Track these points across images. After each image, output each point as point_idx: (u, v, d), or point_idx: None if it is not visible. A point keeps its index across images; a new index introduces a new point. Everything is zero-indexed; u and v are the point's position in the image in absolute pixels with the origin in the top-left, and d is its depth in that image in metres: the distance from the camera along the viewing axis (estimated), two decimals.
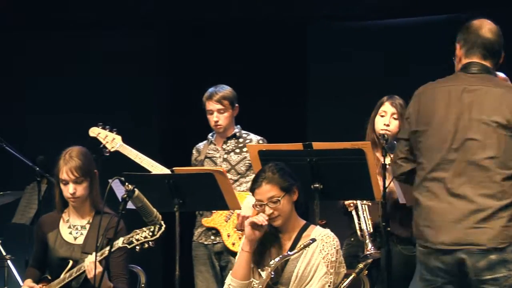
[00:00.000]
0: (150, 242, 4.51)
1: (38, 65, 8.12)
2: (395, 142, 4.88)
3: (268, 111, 7.60)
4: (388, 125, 5.50)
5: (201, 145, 6.05)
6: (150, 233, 4.50)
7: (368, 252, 5.24)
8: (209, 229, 5.85)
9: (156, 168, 5.66)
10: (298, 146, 5.02)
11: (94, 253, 4.60)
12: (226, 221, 5.77)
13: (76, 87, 8.09)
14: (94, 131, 5.91)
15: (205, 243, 5.87)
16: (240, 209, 5.53)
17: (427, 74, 4.31)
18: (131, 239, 4.55)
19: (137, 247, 4.54)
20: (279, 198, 4.49)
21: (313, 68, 8.02)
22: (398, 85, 5.57)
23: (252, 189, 4.57)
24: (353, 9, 7.78)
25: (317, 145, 4.98)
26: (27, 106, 8.09)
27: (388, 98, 5.59)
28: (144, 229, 4.53)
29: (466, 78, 4.08)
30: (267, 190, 4.50)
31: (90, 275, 4.62)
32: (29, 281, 4.92)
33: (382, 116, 5.55)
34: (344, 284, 4.48)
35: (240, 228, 5.67)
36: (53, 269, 4.90)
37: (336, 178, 4.97)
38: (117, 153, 5.82)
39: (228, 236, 5.74)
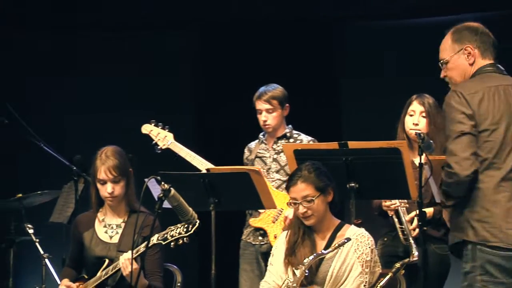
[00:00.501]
0: (184, 238, 4.52)
1: (75, 65, 8.17)
2: (431, 141, 4.85)
3: (301, 111, 7.59)
4: (417, 124, 5.47)
5: (252, 144, 6.02)
6: (185, 229, 4.52)
7: (414, 259, 5.20)
8: (257, 229, 5.83)
9: (205, 166, 5.65)
10: (333, 145, 5.01)
11: (129, 251, 4.62)
12: (274, 222, 5.74)
13: (112, 87, 8.13)
14: (146, 128, 5.94)
15: (253, 243, 5.86)
16: (276, 208, 5.53)
17: None
18: (165, 235, 4.57)
19: (172, 244, 4.56)
20: (313, 198, 4.48)
21: (346, 67, 7.99)
22: (428, 85, 5.53)
23: (287, 187, 4.57)
24: (386, 8, 7.74)
25: (352, 144, 4.96)
26: (64, 106, 8.14)
27: (416, 97, 5.56)
28: (178, 225, 4.54)
29: (502, 78, 4.07)
30: (302, 189, 4.50)
31: (126, 272, 4.65)
32: (66, 281, 4.95)
33: (411, 115, 5.52)
34: (381, 283, 4.46)
35: (287, 229, 5.66)
36: (89, 268, 4.94)
37: (372, 177, 4.94)
38: (168, 151, 5.86)
39: (275, 237, 5.68)
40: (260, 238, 5.83)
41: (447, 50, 4.21)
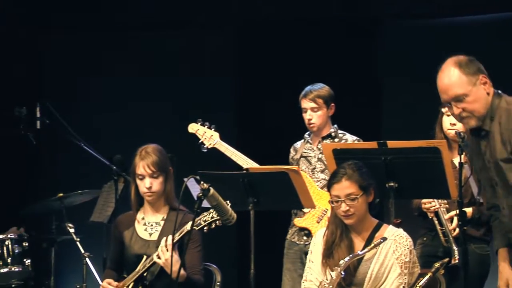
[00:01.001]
0: (217, 222, 4.55)
1: (113, 65, 8.22)
2: None
3: (342, 111, 7.57)
4: (454, 124, 5.43)
5: (298, 144, 6.02)
6: (216, 214, 4.55)
7: (455, 262, 5.17)
8: (302, 229, 5.83)
9: (251, 166, 5.67)
10: (372, 144, 4.99)
11: (166, 238, 4.67)
12: (318, 222, 5.73)
13: (152, 87, 8.16)
14: (193, 127, 5.99)
15: (297, 242, 5.85)
16: (315, 208, 5.52)
17: (499, 73, 4.27)
18: (198, 221, 4.60)
19: (205, 228, 4.60)
20: (357, 196, 4.46)
21: (388, 66, 7.96)
22: None
23: (330, 184, 4.54)
24: (426, 7, 7.69)
25: (392, 144, 4.94)
26: (105, 106, 8.19)
27: None
28: (211, 210, 4.57)
29: None
30: (346, 186, 4.47)
31: (162, 259, 4.69)
32: (107, 279, 4.99)
33: (448, 115, 5.48)
34: (420, 283, 4.43)
35: None
36: (130, 267, 4.96)
37: (411, 176, 4.92)
38: (214, 150, 5.90)
39: None
40: (304, 238, 5.83)
41: (463, 84, 4.19)
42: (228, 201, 4.53)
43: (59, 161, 8.09)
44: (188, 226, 4.65)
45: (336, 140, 5.87)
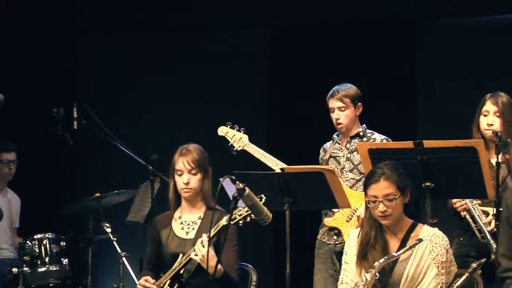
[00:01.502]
0: (252, 215, 4.57)
1: (148, 66, 8.26)
2: (508, 140, 4.78)
3: (378, 111, 7.55)
4: (491, 124, 5.38)
5: (327, 144, 6.02)
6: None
7: (494, 258, 5.12)
8: (332, 228, 5.83)
9: (280, 167, 5.68)
10: (408, 144, 4.97)
11: (204, 236, 4.69)
12: (348, 221, 5.72)
13: (187, 87, 8.19)
14: (222, 130, 6.02)
15: (328, 242, 5.85)
16: (350, 207, 5.51)
17: None
18: (233, 215, 4.62)
19: (240, 222, 4.63)
20: (395, 197, 4.42)
21: (421, 67, 7.92)
22: (504, 84, 5.45)
23: (367, 184, 4.49)
24: (463, 5, 7.65)
25: (428, 143, 4.91)
26: (139, 106, 8.23)
27: (490, 96, 5.47)
28: None
29: None
30: (385, 186, 4.43)
31: (199, 255, 4.71)
32: (144, 277, 5.00)
33: (485, 115, 5.43)
34: (457, 284, 4.40)
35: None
36: (166, 266, 4.98)
37: (448, 176, 4.89)
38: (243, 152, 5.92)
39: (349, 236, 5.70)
40: (334, 237, 5.82)
41: None
42: (262, 195, 4.53)
43: (96, 161, 8.14)
44: (223, 221, 4.67)
45: (365, 139, 5.87)
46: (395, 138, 5.83)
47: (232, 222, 4.61)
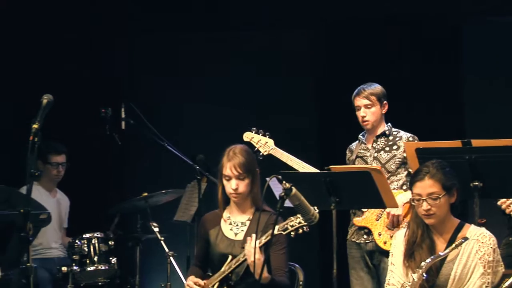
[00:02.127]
0: (304, 227, 4.56)
1: (196, 66, 8.29)
2: None
3: (425, 111, 7.51)
4: None
5: (353, 145, 6.06)
6: (303, 219, 4.55)
7: None
8: (361, 228, 5.84)
9: (306, 170, 5.71)
10: (456, 143, 4.94)
11: (253, 237, 4.69)
12: (377, 220, 5.75)
13: (234, 87, 8.20)
14: (248, 136, 6.05)
15: (358, 242, 5.87)
16: (398, 207, 5.49)
17: None
18: (286, 226, 4.62)
19: (292, 233, 4.62)
20: (440, 196, 4.40)
21: (469, 66, 7.85)
22: None
23: (412, 182, 4.48)
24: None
25: (476, 143, 4.88)
26: (195, 107, 8.24)
27: None
28: (298, 215, 4.58)
29: None
30: (429, 185, 4.41)
31: (250, 259, 4.71)
32: (192, 277, 5.02)
33: None
34: (506, 284, 4.36)
35: (391, 226, 5.65)
36: (215, 265, 5.00)
37: (497, 176, 4.85)
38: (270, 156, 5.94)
39: (379, 235, 5.72)
40: (364, 236, 5.84)
41: None
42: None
43: (144, 161, 8.18)
44: (275, 230, 4.65)
45: (391, 138, 5.90)
46: (443, 137, 5.80)
47: (283, 232, 4.62)
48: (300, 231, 4.60)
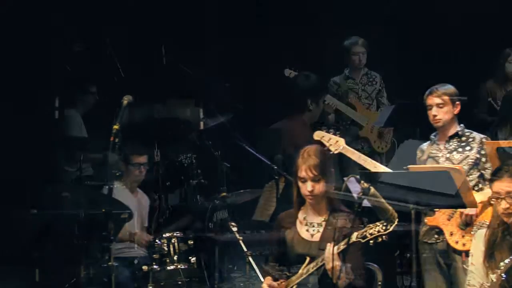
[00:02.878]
0: (383, 236, 4.53)
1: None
2: None
3: None
4: None
5: (424, 145, 6.00)
6: (384, 227, 4.53)
7: None
8: (432, 228, 5.79)
9: (378, 169, 5.68)
10: None
11: (332, 244, 4.68)
12: (449, 220, 5.69)
13: None
14: (318, 135, 6.06)
15: (429, 241, 5.83)
16: (477, 207, 5.43)
17: None
18: (364, 233, 4.60)
19: (371, 241, 4.59)
20: None
21: None
22: None
23: (491, 181, 4.47)
24: None
25: None
26: (263, 106, 8.27)
27: None
28: (377, 223, 4.56)
29: None
30: (508, 183, 4.38)
31: (329, 265, 4.70)
32: (268, 279, 5.06)
33: None
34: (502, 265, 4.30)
35: (464, 226, 5.58)
36: (291, 265, 5.01)
37: None
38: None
39: (451, 234, 5.66)
40: (436, 236, 5.80)
41: None
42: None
43: (222, 161, 8.21)
44: (353, 237, 4.65)
45: (463, 139, 5.84)
46: None
47: (362, 240, 4.61)
48: (379, 239, 4.58)
